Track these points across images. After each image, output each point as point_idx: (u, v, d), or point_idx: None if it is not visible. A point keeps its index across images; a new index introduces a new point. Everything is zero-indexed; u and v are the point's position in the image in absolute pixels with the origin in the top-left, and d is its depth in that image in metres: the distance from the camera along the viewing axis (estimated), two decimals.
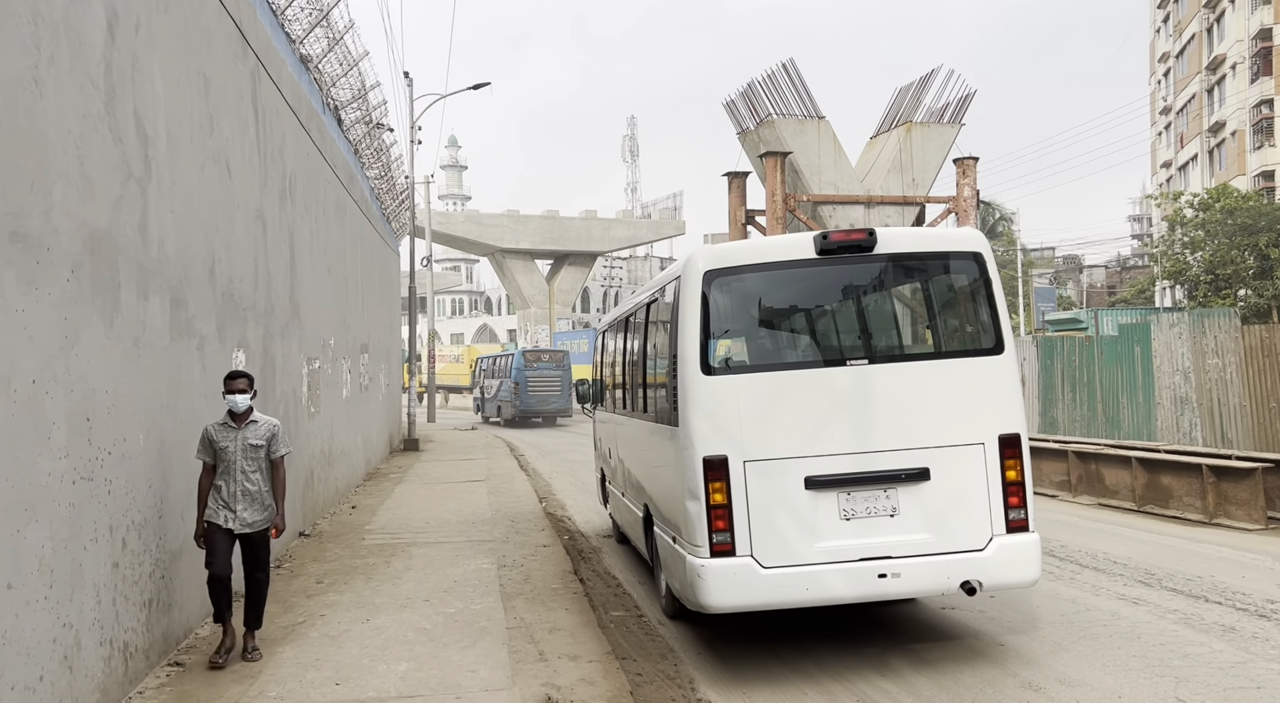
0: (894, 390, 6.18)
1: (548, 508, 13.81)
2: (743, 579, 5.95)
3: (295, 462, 10.69)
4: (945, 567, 6.02)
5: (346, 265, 15.23)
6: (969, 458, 6.09)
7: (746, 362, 6.62)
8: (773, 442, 6.05)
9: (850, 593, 6.01)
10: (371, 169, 19.75)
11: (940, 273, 6.65)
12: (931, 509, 6.04)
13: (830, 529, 5.98)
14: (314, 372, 12.01)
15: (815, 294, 6.74)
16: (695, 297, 6.22)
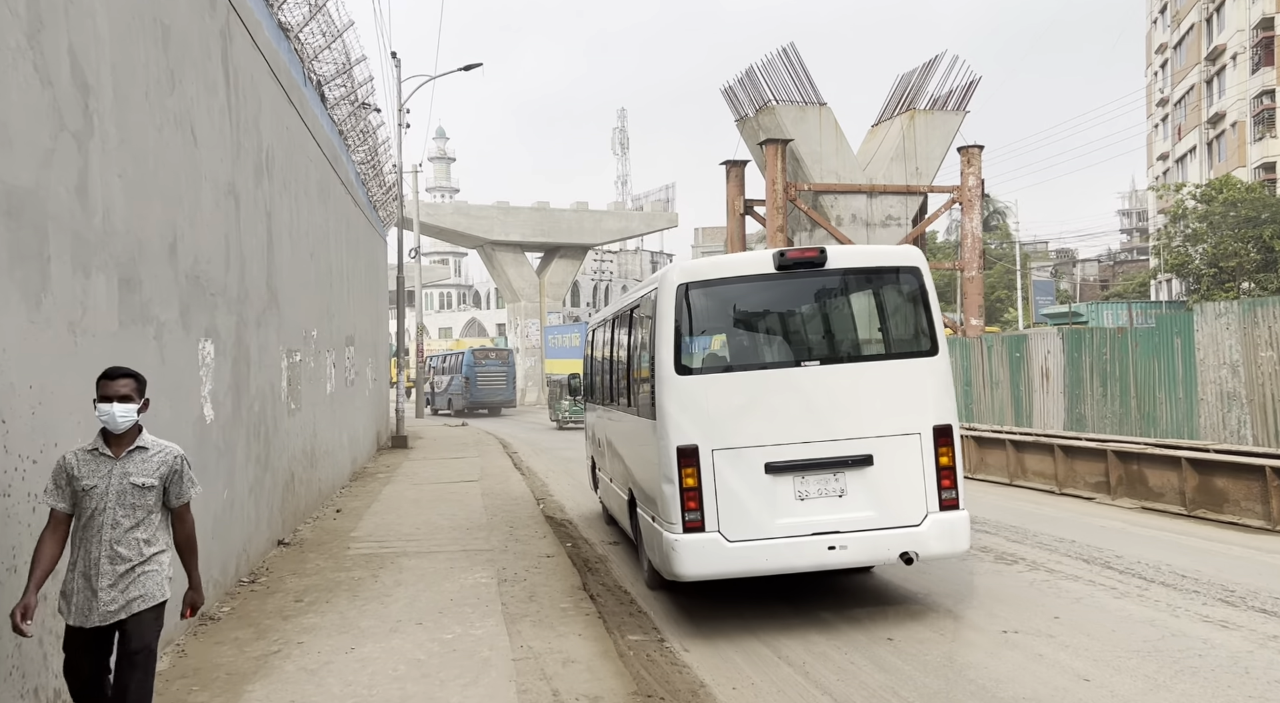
0: (842, 388, 7.08)
1: (546, 510, 12.92)
2: (711, 552, 6.81)
3: (276, 464, 9.78)
4: (886, 540, 6.89)
5: (331, 252, 14.28)
6: (907, 446, 6.96)
7: (714, 363, 7.51)
8: (737, 433, 6.90)
9: (804, 563, 6.89)
10: (357, 152, 18.77)
11: (883, 285, 7.54)
12: (875, 490, 6.92)
13: (787, 508, 6.85)
14: (295, 365, 11.07)
15: (774, 304, 7.65)
16: (670, 306, 7.08)
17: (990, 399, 16.44)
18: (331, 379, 14.15)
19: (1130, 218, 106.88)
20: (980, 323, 29.57)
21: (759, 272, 7.27)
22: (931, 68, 30.80)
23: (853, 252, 8.26)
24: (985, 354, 16.52)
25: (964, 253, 29.92)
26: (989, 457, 14.00)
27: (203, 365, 7.17)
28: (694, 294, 7.18)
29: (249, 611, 7.21)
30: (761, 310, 7.70)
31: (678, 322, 7.06)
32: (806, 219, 30.29)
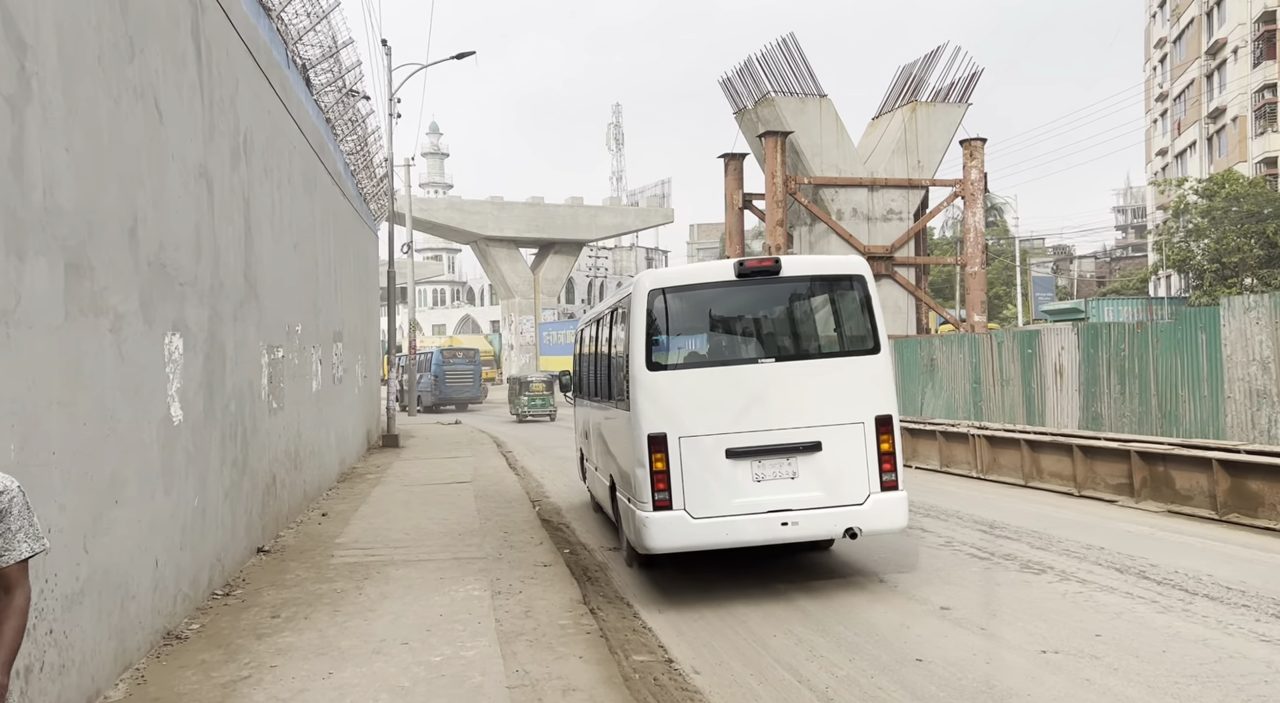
0: (794, 382, 7.81)
1: (542, 513, 12.36)
2: (677, 527, 7.55)
3: (255, 466, 9.21)
4: (833, 517, 7.63)
5: (317, 243, 13.69)
6: (852, 434, 7.70)
7: (681, 361, 8.20)
8: (701, 422, 7.63)
9: (760, 537, 7.64)
10: (346, 142, 18.17)
11: (831, 292, 8.24)
12: (823, 473, 7.64)
13: (745, 488, 7.58)
14: (277, 362, 10.48)
15: (735, 308, 8.41)
16: (642, 309, 7.78)
17: (1000, 397, 15.91)
18: (318, 376, 13.57)
19: (1125, 214, 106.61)
20: (983, 319, 29.07)
21: (721, 278, 8.07)
22: (933, 59, 30.28)
23: (804, 261, 9.31)
24: (995, 351, 15.99)
25: (966, 248, 29.40)
26: (1002, 457, 13.47)
27: (169, 362, 6.59)
28: (663, 298, 7.93)
29: (220, 628, 6.63)
30: (723, 313, 8.44)
31: (649, 323, 7.80)
32: (806, 213, 29.74)
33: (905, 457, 15.64)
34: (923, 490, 13.16)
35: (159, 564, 6.23)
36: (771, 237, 27.95)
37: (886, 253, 28.99)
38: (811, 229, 30.11)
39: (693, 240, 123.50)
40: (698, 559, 8.13)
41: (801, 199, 28.45)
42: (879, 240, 29.20)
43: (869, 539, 9.71)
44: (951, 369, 17.44)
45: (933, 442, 15.18)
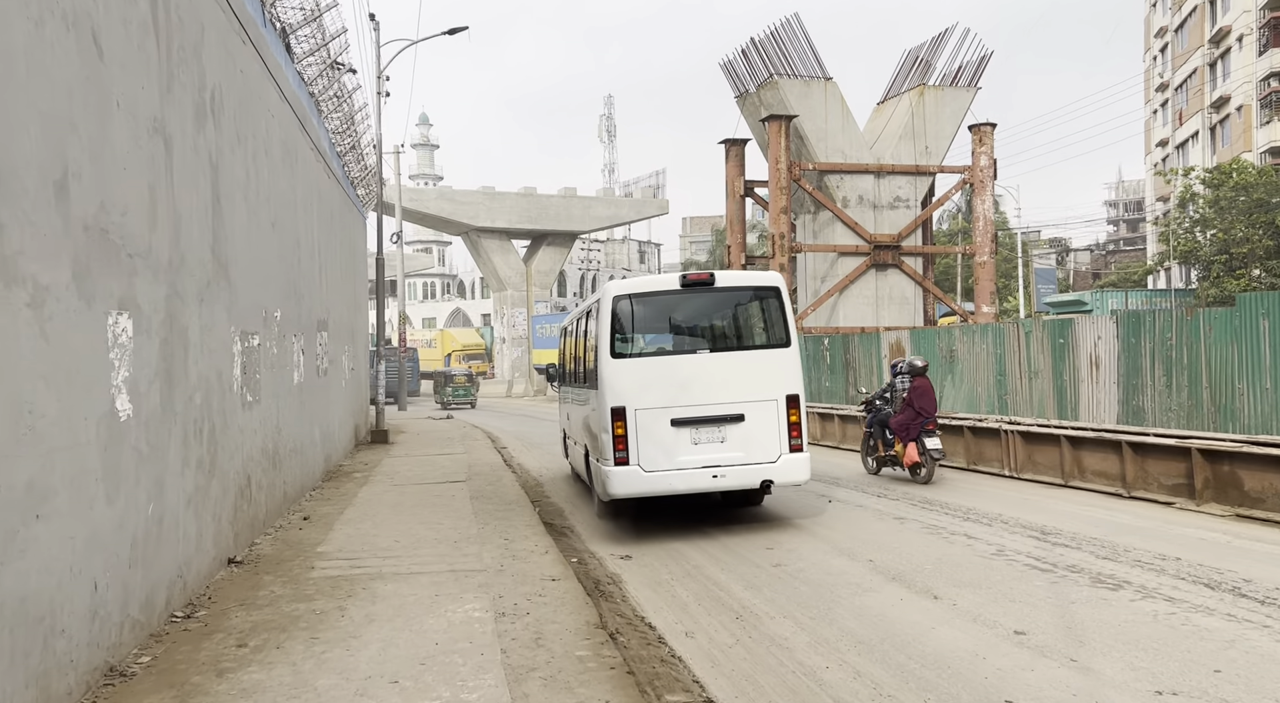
0: (724, 368, 9.90)
1: (544, 515, 11.39)
2: (633, 478, 9.58)
3: (226, 467, 8.18)
4: (752, 471, 9.67)
5: (299, 223, 12.64)
6: (768, 408, 9.73)
7: (637, 351, 10.14)
8: (652, 397, 9.63)
9: (695, 486, 9.68)
10: (331, 119, 17.11)
11: (753, 298, 10.33)
12: (745, 438, 9.65)
13: (685, 449, 9.64)
14: (252, 350, 9.45)
15: (679, 311, 10.46)
16: (608, 311, 9.78)
17: (1029, 390, 14.96)
18: (300, 367, 12.53)
19: (1117, 208, 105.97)
20: (992, 310, 28.17)
21: (669, 288, 10.26)
22: (941, 41, 29.32)
23: (733, 276, 10.74)
24: (1023, 341, 15.04)
25: (975, 236, 28.47)
26: (1038, 454, 12.52)
27: (115, 346, 5.56)
28: (624, 303, 10.00)
29: (175, 661, 5.62)
30: (670, 315, 10.53)
31: (613, 322, 9.86)
32: (810, 201, 28.77)
33: None
34: (953, 490, 12.22)
35: (99, 587, 5.21)
36: (775, 225, 26.98)
37: (893, 241, 28.06)
38: (815, 217, 29.15)
39: (685, 233, 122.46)
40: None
41: (806, 186, 27.48)
42: (885, 229, 28.26)
43: (912, 550, 8.81)
44: (973, 361, 16.49)
45: (958, 438, 14.22)
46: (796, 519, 10.72)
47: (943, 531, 9.62)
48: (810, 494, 12.45)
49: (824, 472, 14.55)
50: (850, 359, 20.52)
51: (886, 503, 11.50)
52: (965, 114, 28.72)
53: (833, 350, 21.14)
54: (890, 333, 19.24)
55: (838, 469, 14.90)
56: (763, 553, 9.06)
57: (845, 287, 27.82)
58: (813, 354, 21.99)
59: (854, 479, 13.64)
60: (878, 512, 10.94)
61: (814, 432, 18.77)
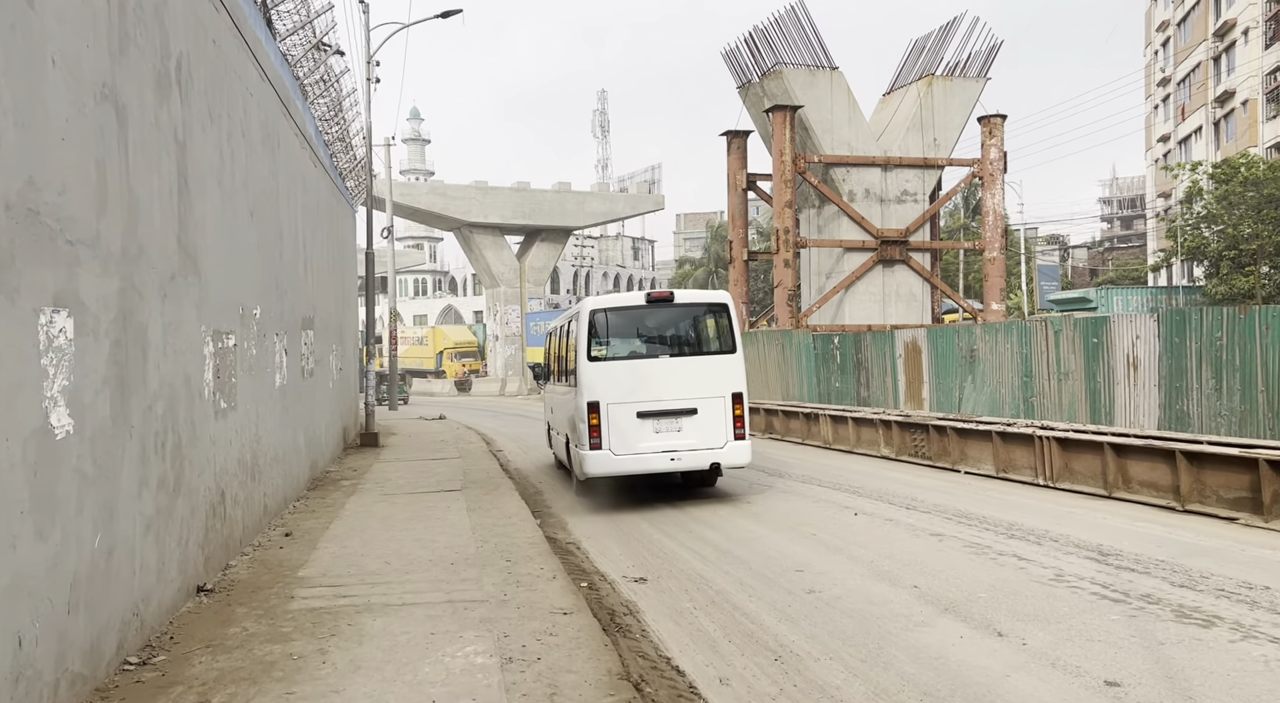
0: (681, 371, 11.92)
1: (547, 529, 10.53)
2: (605, 461, 11.65)
3: (194, 484, 7.28)
4: (703, 456, 11.67)
5: (281, 214, 11.71)
6: (717, 403, 11.71)
7: (609, 356, 12.01)
8: (621, 394, 11.61)
9: (656, 467, 11.68)
10: (318, 105, 16.18)
11: (706, 313, 12.34)
12: (698, 428, 11.65)
13: (648, 437, 11.62)
14: (226, 351, 8.53)
15: (644, 323, 12.39)
16: (585, 322, 11.85)
17: (1058, 393, 14.13)
18: (283, 369, 11.61)
19: (1111, 205, 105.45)
20: (1002, 308, 27.40)
21: (637, 304, 12.19)
22: (949, 31, 28.49)
23: (689, 294, 12.84)
24: (1051, 341, 14.19)
25: (985, 232, 27.67)
26: (1076, 462, 11.68)
27: (49, 350, 4.66)
28: (600, 316, 11.97)
29: None
30: (637, 326, 12.35)
31: (590, 331, 11.77)
32: (815, 195, 27.93)
33: (951, 460, 13.85)
34: (988, 501, 11.36)
35: (25, 643, 4.31)
36: (779, 219, 26.12)
37: (901, 237, 27.24)
38: (820, 212, 28.31)
39: (679, 230, 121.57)
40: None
41: (811, 179, 26.64)
42: (893, 223, 27.44)
43: (959, 573, 7.97)
44: (996, 361, 15.65)
45: (985, 443, 13.38)
46: (823, 535, 9.86)
47: (988, 550, 8.77)
48: (833, 506, 11.59)
49: (844, 481, 13.69)
50: (862, 359, 19.68)
51: (918, 517, 10.64)
52: (974, 105, 27.93)
53: (843, 350, 20.30)
54: (905, 331, 18.40)
55: (857, 477, 14.04)
56: (792, 577, 8.19)
57: (851, 283, 26.99)
58: (821, 353, 21.14)
59: (878, 489, 12.78)
60: (911, 527, 10.07)
61: (826, 436, 17.92)
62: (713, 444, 11.68)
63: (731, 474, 14.79)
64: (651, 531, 10.70)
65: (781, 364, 22.43)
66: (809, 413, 18.69)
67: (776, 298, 26.38)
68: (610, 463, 11.63)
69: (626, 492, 13.39)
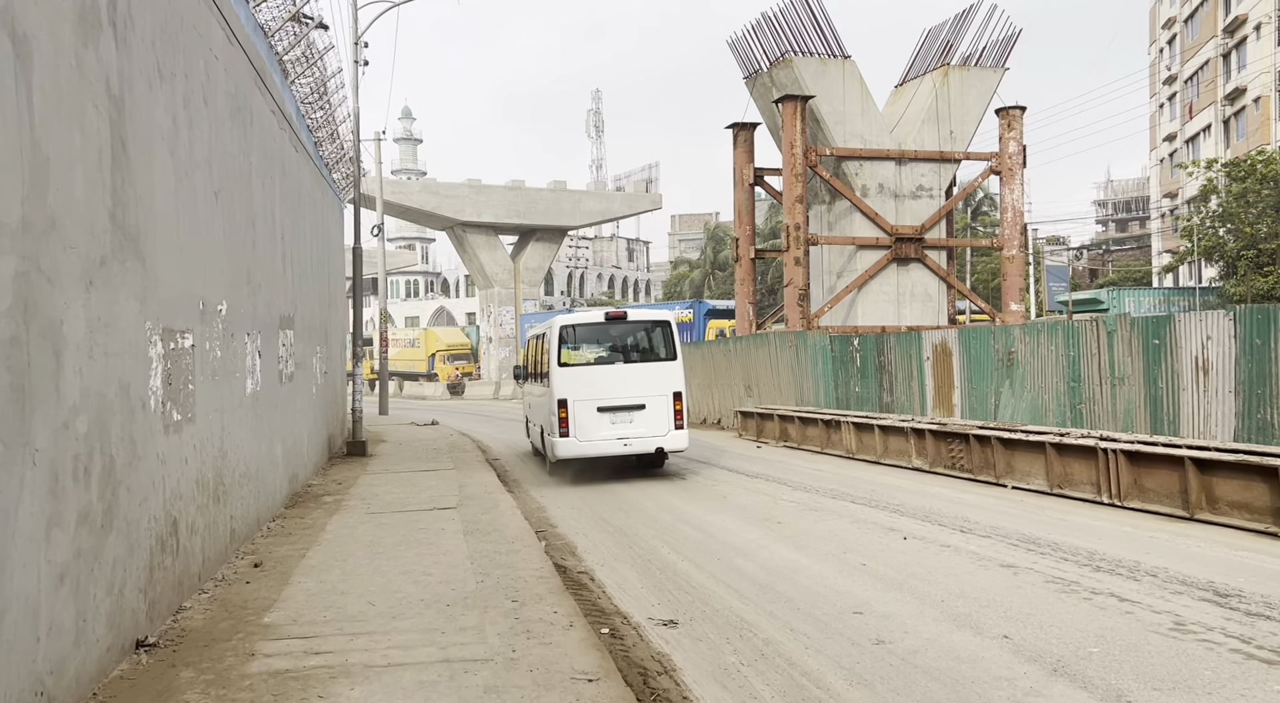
0: (633, 374, 14.70)
1: (555, 555, 9.28)
2: (571, 446, 14.20)
3: (133, 515, 5.96)
4: (650, 442, 14.37)
5: (255, 198, 10.39)
6: (661, 400, 14.43)
7: (576, 362, 14.70)
8: (585, 393, 14.23)
9: (613, 451, 14.35)
10: (301, 86, 14.86)
11: (653, 327, 15.10)
12: (647, 420, 14.36)
13: (606, 427, 14.26)
14: (182, 353, 7.22)
15: (604, 335, 15.20)
16: (556, 335, 14.50)
17: (1111, 400, 12.88)
18: (255, 373, 10.28)
19: (1108, 208, 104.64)
20: (1020, 309, 26.17)
21: (598, 321, 15.11)
22: (964, 20, 27.29)
23: (638, 312, 15.62)
24: (1103, 342, 12.94)
25: (1003, 229, 26.46)
26: (1147, 478, 10.42)
27: None
28: (568, 330, 14.72)
29: None
30: (598, 338, 15.07)
31: (560, 342, 14.48)
32: (825, 190, 26.69)
33: (996, 473, 12.48)
34: (1052, 523, 10.07)
35: None
36: (790, 214, 24.86)
37: (916, 234, 26.01)
38: (831, 207, 27.06)
39: (674, 231, 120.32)
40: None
41: (823, 172, 25.38)
42: (907, 220, 26.21)
43: (1053, 619, 6.67)
44: (1038, 365, 14.40)
45: (1035, 455, 12.11)
46: (875, 565, 8.57)
47: (1077, 586, 7.49)
48: (876, 528, 10.31)
49: (880, 497, 12.42)
50: (885, 362, 18.41)
51: (978, 542, 9.36)
52: (992, 96, 26.73)
53: (864, 352, 19.03)
54: (934, 332, 17.14)
55: (892, 492, 12.77)
56: (852, 621, 6.90)
57: (864, 282, 25.74)
58: (840, 356, 19.88)
59: (921, 508, 11.50)
60: (974, 556, 8.79)
61: (848, 445, 16.64)
62: (658, 433, 14.50)
63: (756, 490, 13.56)
64: (674, 557, 9.41)
65: (796, 368, 21.15)
66: (829, 420, 17.41)
67: (786, 298, 25.11)
68: (576, 448, 14.33)
69: (636, 512, 12.11)
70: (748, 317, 27.67)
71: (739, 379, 23.66)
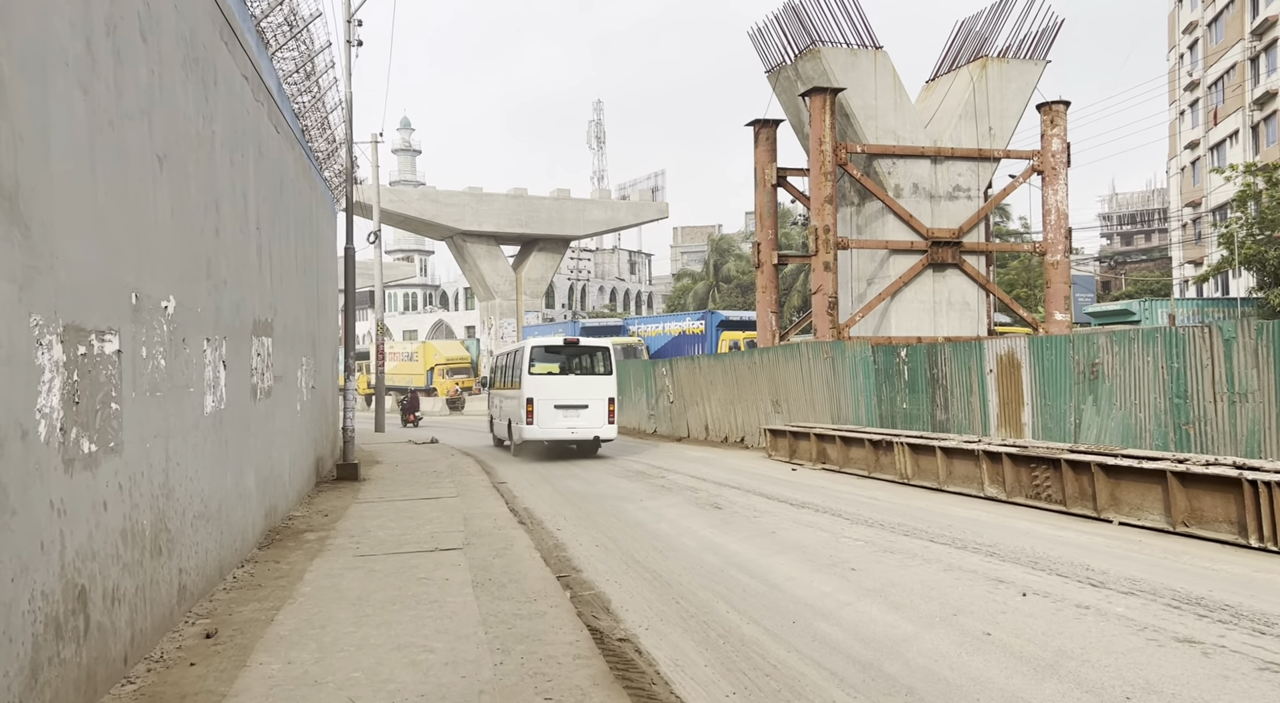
0: (581, 383, 20.23)
1: (591, 618, 7.34)
2: (535, 431, 19.81)
3: (4, 595, 4.06)
4: (590, 432, 19.98)
5: (220, 174, 8.53)
6: (600, 402, 20.06)
7: (542, 372, 20.09)
8: (546, 395, 19.84)
9: (563, 438, 20.00)
10: (284, 62, 13.04)
11: (596, 351, 20.75)
12: (588, 416, 19.97)
13: (559, 419, 19.84)
14: (97, 361, 5.34)
15: (561, 354, 20.58)
16: (528, 352, 20.18)
17: (1227, 419, 11.00)
18: (219, 388, 8.39)
19: (1112, 221, 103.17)
20: (1066, 318, 24.30)
21: (559, 344, 20.81)
22: (1001, 10, 25.55)
23: (587, 339, 21.31)
24: (1218, 351, 11.07)
25: (1047, 233, 24.63)
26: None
27: None
28: (538, 349, 20.36)
29: None
30: (557, 356, 20.44)
31: (531, 357, 20.02)
32: (854, 191, 24.86)
33: (1097, 506, 10.51)
34: (1203, 576, 8.14)
35: None
36: (818, 216, 23.01)
37: (953, 237, 24.17)
38: (860, 210, 25.23)
39: (676, 243, 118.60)
40: None
41: (853, 171, 23.55)
42: (943, 222, 24.38)
43: None
44: (1130, 378, 12.52)
45: (1149, 485, 10.20)
46: (1004, 635, 6.66)
47: None
48: (979, 579, 8.39)
49: (962, 535, 10.52)
50: (938, 375, 16.53)
51: (1120, 600, 7.45)
52: (1033, 91, 24.94)
53: (913, 364, 17.14)
54: (999, 341, 15.25)
55: (974, 528, 10.88)
56: None
57: (898, 289, 23.87)
58: (884, 368, 17.99)
59: (1021, 550, 9.59)
60: (1129, 621, 6.87)
61: (902, 470, 14.73)
62: (596, 426, 20.07)
63: (808, 523, 11.70)
64: (736, 618, 7.51)
65: (832, 381, 19.25)
66: (878, 440, 15.50)
67: (815, 306, 23.24)
68: (538, 433, 19.87)
69: (673, 551, 10.20)
70: (770, 327, 25.79)
71: (765, 394, 21.76)
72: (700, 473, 17.67)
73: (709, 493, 14.73)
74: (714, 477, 16.96)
